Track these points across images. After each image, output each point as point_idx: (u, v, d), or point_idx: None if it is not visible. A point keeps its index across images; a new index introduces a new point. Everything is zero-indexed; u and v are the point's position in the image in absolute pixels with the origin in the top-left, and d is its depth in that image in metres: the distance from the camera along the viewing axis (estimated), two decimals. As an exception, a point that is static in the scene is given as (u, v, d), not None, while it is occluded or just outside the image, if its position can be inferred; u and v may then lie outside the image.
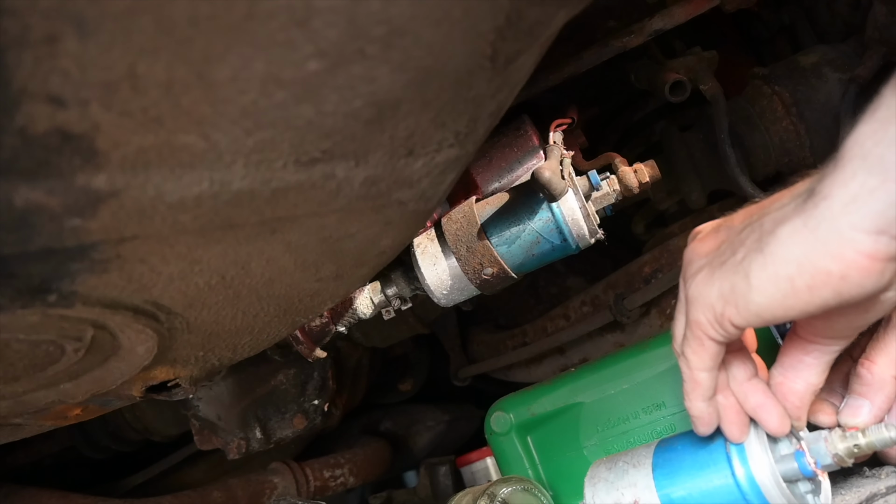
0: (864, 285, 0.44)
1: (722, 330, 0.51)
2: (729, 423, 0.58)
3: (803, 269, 0.45)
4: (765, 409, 0.57)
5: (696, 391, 0.56)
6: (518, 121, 0.92)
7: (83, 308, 0.43)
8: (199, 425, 1.10)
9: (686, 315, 0.54)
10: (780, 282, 0.46)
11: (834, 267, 0.43)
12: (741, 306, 0.48)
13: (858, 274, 0.43)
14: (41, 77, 0.29)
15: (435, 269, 0.77)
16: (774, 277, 0.46)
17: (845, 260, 0.43)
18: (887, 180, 0.41)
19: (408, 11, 0.35)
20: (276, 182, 0.41)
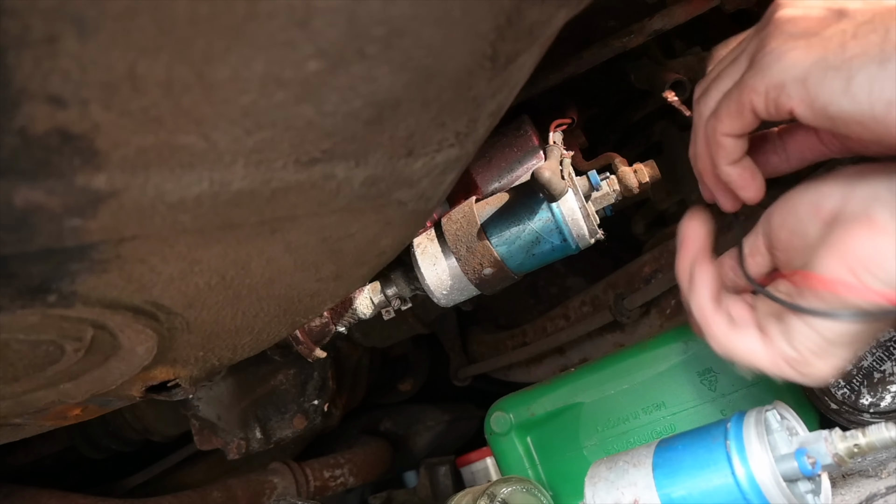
0: None
1: (774, 111, 0.48)
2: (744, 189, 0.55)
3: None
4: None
5: (720, 155, 0.53)
6: (518, 121, 0.92)
7: (83, 308, 0.43)
8: (199, 425, 1.10)
9: (746, 74, 0.49)
10: (877, 103, 0.43)
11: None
12: (820, 102, 0.45)
13: None
14: (41, 77, 0.29)
15: (435, 269, 0.77)
16: (876, 96, 0.43)
17: None
18: None
19: (408, 11, 0.35)
20: (276, 182, 0.41)
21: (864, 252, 0.45)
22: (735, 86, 0.51)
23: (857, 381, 0.75)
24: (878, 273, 0.44)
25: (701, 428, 0.65)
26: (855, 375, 0.75)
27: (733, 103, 0.51)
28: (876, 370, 0.74)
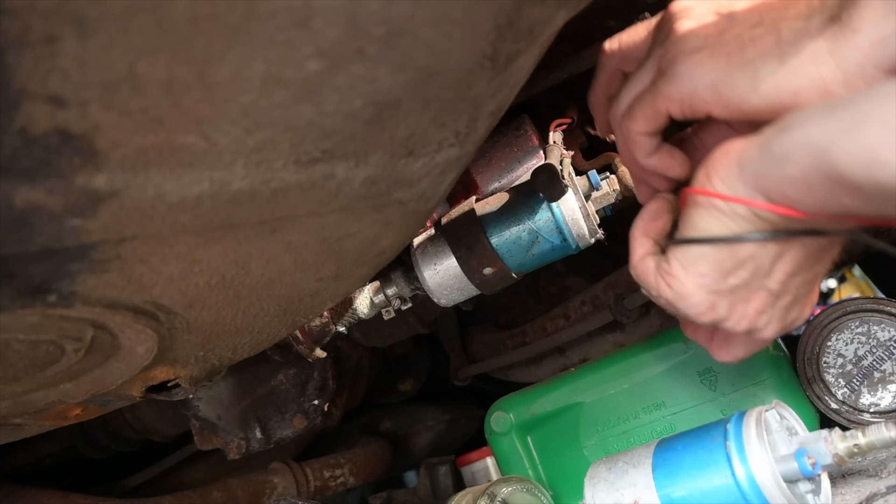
0: None
1: (690, 112, 0.53)
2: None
3: (815, 87, 0.47)
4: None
5: (637, 150, 0.59)
6: (518, 121, 0.92)
7: (83, 308, 0.43)
8: (199, 425, 1.10)
9: (658, 82, 0.54)
10: (784, 93, 0.48)
11: (843, 91, 0.46)
12: (733, 103, 0.50)
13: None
14: (41, 77, 0.29)
15: (435, 268, 0.77)
16: (783, 88, 0.48)
17: (856, 89, 0.46)
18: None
19: (408, 11, 0.35)
20: (276, 182, 0.41)
21: (715, 154, 0.50)
22: (649, 92, 0.56)
23: (857, 381, 0.75)
24: (721, 173, 0.49)
25: (701, 428, 0.65)
26: (855, 375, 0.75)
27: (648, 108, 0.56)
28: (876, 370, 0.74)
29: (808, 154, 0.43)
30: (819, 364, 0.76)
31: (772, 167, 0.46)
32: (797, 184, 0.45)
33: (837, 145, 0.41)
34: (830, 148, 0.41)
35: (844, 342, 0.75)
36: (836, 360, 0.76)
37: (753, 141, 0.47)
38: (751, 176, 0.47)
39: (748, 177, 0.48)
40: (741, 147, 0.48)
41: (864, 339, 0.75)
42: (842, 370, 0.75)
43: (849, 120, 0.41)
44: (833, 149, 0.41)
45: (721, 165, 0.49)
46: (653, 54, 0.57)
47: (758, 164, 0.47)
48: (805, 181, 0.44)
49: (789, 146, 0.44)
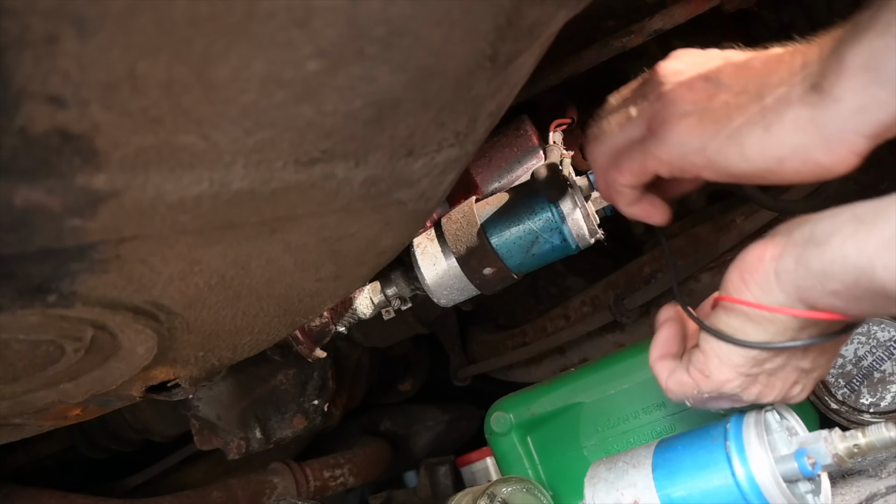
0: (839, 174, 0.50)
1: (679, 173, 0.56)
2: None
3: (797, 155, 0.50)
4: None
5: (620, 201, 0.62)
6: (518, 121, 0.92)
7: (83, 308, 0.43)
8: (198, 425, 1.10)
9: (648, 142, 0.57)
10: (770, 161, 0.51)
11: (826, 160, 0.49)
12: (721, 168, 0.53)
13: (843, 167, 0.49)
14: (41, 77, 0.29)
15: (435, 268, 0.77)
16: (768, 156, 0.51)
17: (838, 156, 0.48)
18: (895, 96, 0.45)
19: (408, 11, 0.35)
20: (275, 182, 0.41)
21: (748, 261, 0.52)
22: (639, 151, 0.58)
23: (857, 381, 0.75)
24: (759, 281, 0.51)
25: (700, 428, 0.65)
26: (855, 375, 0.75)
27: (636, 165, 0.58)
28: (876, 370, 0.74)
29: (851, 273, 0.45)
30: (819, 364, 0.76)
31: (814, 282, 0.48)
32: (842, 297, 0.47)
33: (880, 263, 0.43)
34: (873, 266, 0.43)
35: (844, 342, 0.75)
36: (836, 361, 0.76)
37: (786, 250, 0.49)
38: (791, 287, 0.49)
39: (788, 287, 0.49)
40: (774, 254, 0.50)
41: (863, 339, 0.75)
42: (842, 370, 0.75)
43: (886, 237, 0.43)
44: (876, 267, 0.43)
45: (758, 273, 0.51)
46: (641, 110, 0.59)
47: (797, 277, 0.49)
48: (850, 295, 0.46)
49: (829, 264, 0.46)
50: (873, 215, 0.45)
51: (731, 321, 0.54)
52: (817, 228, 0.48)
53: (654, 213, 0.63)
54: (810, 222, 0.49)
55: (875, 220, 0.44)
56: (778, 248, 0.50)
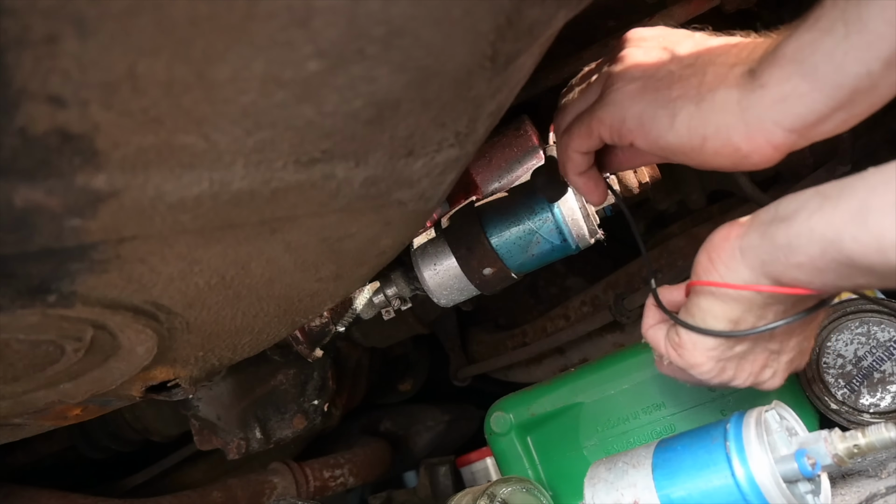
0: (756, 165, 0.51)
1: (618, 139, 0.56)
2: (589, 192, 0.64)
3: (719, 136, 0.50)
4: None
5: (569, 167, 0.62)
6: (518, 121, 0.92)
7: (83, 308, 0.43)
8: (198, 425, 1.10)
9: (595, 105, 0.58)
10: (695, 137, 0.51)
11: (744, 146, 0.50)
12: (651, 137, 0.53)
13: (759, 158, 0.50)
14: (41, 77, 0.29)
15: (435, 269, 0.77)
16: (694, 131, 0.51)
17: (756, 144, 0.49)
18: (815, 90, 0.46)
19: (408, 11, 0.35)
20: (275, 182, 0.41)
21: (714, 241, 0.52)
22: (587, 113, 0.59)
23: (857, 382, 0.75)
24: (725, 259, 0.51)
25: (700, 428, 0.65)
26: (855, 376, 0.75)
27: (584, 127, 0.59)
28: (876, 370, 0.74)
29: (817, 244, 0.45)
30: (819, 364, 0.76)
31: (778, 255, 0.48)
32: (807, 269, 0.47)
33: (848, 235, 0.43)
34: (840, 238, 0.44)
35: (844, 343, 0.75)
36: (835, 361, 0.75)
37: (750, 227, 0.50)
38: (756, 262, 0.49)
39: (753, 262, 0.50)
40: (738, 233, 0.51)
41: (863, 339, 0.75)
42: (841, 371, 0.75)
43: (853, 210, 0.43)
44: (844, 238, 0.43)
45: (723, 251, 0.51)
46: (599, 76, 0.60)
47: (762, 252, 0.49)
48: (815, 267, 0.46)
49: (794, 237, 0.46)
50: (838, 191, 0.45)
51: (701, 303, 0.55)
52: (781, 206, 0.48)
53: (593, 190, 0.63)
54: (774, 203, 0.49)
55: (840, 196, 0.45)
56: (743, 227, 0.51)
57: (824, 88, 0.46)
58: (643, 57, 0.56)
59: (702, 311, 0.55)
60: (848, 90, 0.45)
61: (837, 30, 0.45)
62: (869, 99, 0.46)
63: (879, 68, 0.44)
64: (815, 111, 0.47)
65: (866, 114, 0.48)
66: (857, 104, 0.46)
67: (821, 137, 0.49)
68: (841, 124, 0.48)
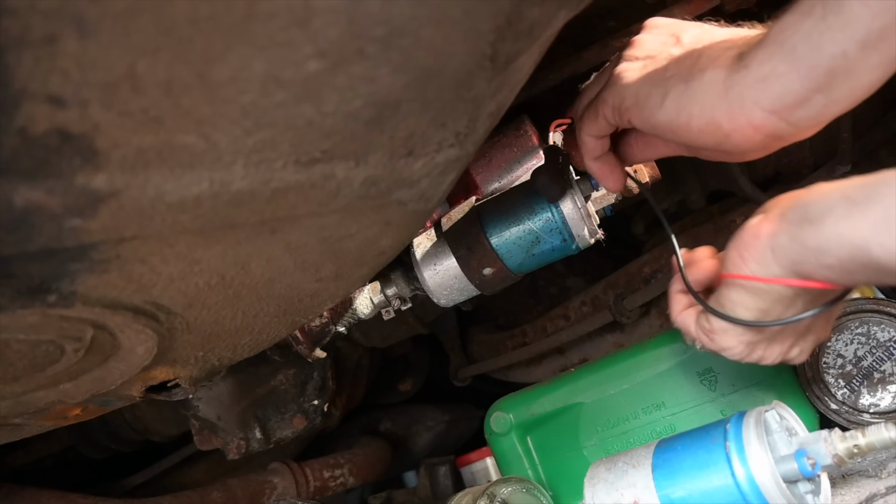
0: (739, 147, 0.52)
1: (618, 117, 0.58)
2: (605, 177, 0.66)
3: (703, 114, 0.52)
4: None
5: (584, 151, 0.64)
6: (518, 121, 0.92)
7: (83, 308, 0.43)
8: (198, 425, 1.10)
9: (602, 87, 0.60)
10: (682, 115, 0.53)
11: (725, 125, 0.51)
12: (644, 114, 0.55)
13: (740, 137, 0.51)
14: (41, 77, 0.29)
15: (435, 269, 0.77)
16: (681, 109, 0.53)
17: (737, 124, 0.50)
18: (792, 70, 0.47)
19: (408, 11, 0.35)
20: (275, 182, 0.41)
21: (745, 239, 0.54)
22: (597, 97, 0.61)
23: (857, 382, 0.75)
24: (756, 257, 0.53)
25: (700, 428, 0.65)
26: (855, 376, 0.75)
27: (592, 110, 0.61)
28: (876, 370, 0.74)
29: (847, 249, 0.47)
30: (819, 364, 0.76)
31: (808, 257, 0.50)
32: (836, 269, 0.49)
33: (875, 242, 0.45)
34: (868, 244, 0.46)
35: (844, 343, 0.75)
36: (835, 361, 0.75)
37: (780, 227, 0.52)
38: (787, 261, 0.51)
39: (783, 261, 0.52)
40: (768, 231, 0.52)
41: (863, 339, 0.75)
42: (841, 371, 0.75)
43: (879, 218, 0.45)
44: (871, 245, 0.45)
45: (754, 249, 0.53)
46: (612, 60, 0.62)
47: (792, 253, 0.51)
48: (844, 268, 0.48)
49: (824, 241, 0.48)
50: (864, 196, 0.46)
51: (732, 294, 0.57)
52: (810, 208, 0.49)
53: (609, 174, 0.65)
54: (801, 201, 0.51)
55: (867, 202, 0.46)
56: (772, 225, 0.52)
57: (801, 69, 0.47)
58: (650, 42, 0.58)
59: (732, 302, 0.57)
60: (824, 71, 0.46)
61: (816, 11, 0.46)
62: (847, 83, 0.47)
63: (855, 49, 0.45)
64: (793, 91, 0.48)
65: (847, 101, 0.48)
66: (834, 88, 0.47)
67: (803, 125, 0.50)
68: (822, 110, 0.48)
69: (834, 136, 0.90)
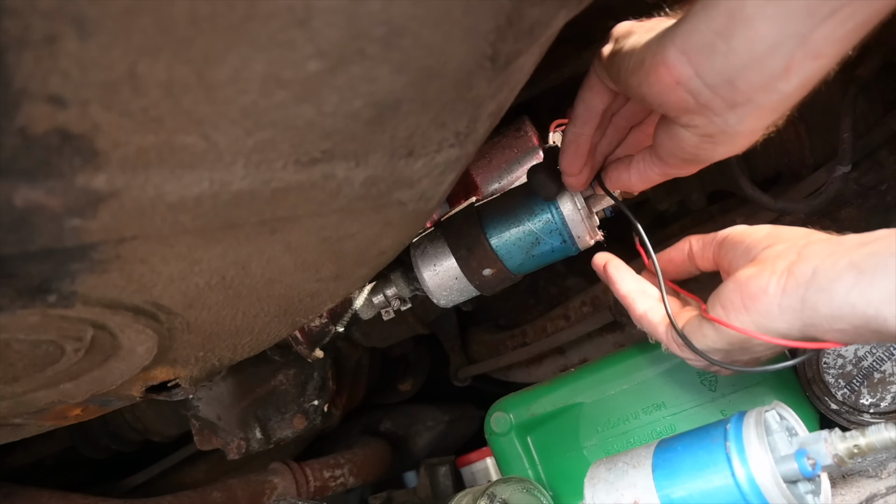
0: (656, 92, 0.51)
1: (598, 64, 0.59)
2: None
3: (638, 55, 0.52)
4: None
5: (569, 119, 0.65)
6: (518, 121, 0.92)
7: (83, 308, 0.43)
8: (199, 425, 1.10)
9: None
10: (627, 55, 0.54)
11: (647, 62, 0.51)
12: (614, 65, 0.56)
13: (656, 79, 0.51)
14: (41, 77, 0.29)
15: (434, 269, 0.77)
16: (629, 51, 0.54)
17: (653, 60, 0.50)
18: (702, 10, 0.46)
19: (408, 11, 0.35)
20: (276, 182, 0.41)
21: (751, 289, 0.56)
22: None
23: (857, 382, 0.75)
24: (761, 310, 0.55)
25: (700, 428, 0.65)
26: (855, 376, 0.75)
27: (590, 70, 0.62)
28: (876, 371, 0.74)
29: (860, 318, 0.49)
30: (819, 365, 0.76)
31: (821, 322, 0.52)
32: (850, 334, 0.52)
33: (889, 313, 0.48)
34: (884, 318, 0.48)
35: (844, 343, 0.75)
36: (836, 361, 0.75)
37: (789, 288, 0.53)
38: (797, 323, 0.54)
39: (792, 321, 0.54)
40: (777, 290, 0.54)
41: (864, 339, 0.75)
42: (842, 371, 0.75)
43: (890, 291, 0.48)
44: (887, 318, 0.48)
45: (760, 303, 0.55)
46: None
47: (804, 316, 0.53)
48: (857, 333, 0.51)
49: (837, 310, 0.50)
50: (872, 266, 0.49)
51: (707, 331, 0.60)
52: (819, 274, 0.51)
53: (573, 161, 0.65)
54: (807, 261, 0.53)
55: (875, 272, 0.49)
56: (780, 282, 0.54)
57: (708, 9, 0.46)
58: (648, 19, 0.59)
59: (705, 336, 0.61)
60: (724, 11, 0.45)
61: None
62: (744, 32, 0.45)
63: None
64: (697, 29, 0.47)
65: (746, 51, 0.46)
66: (734, 35, 0.46)
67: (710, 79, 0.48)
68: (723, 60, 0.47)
69: (834, 136, 0.90)
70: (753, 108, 0.49)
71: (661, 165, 0.61)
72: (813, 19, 0.44)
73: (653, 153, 0.62)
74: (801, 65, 0.46)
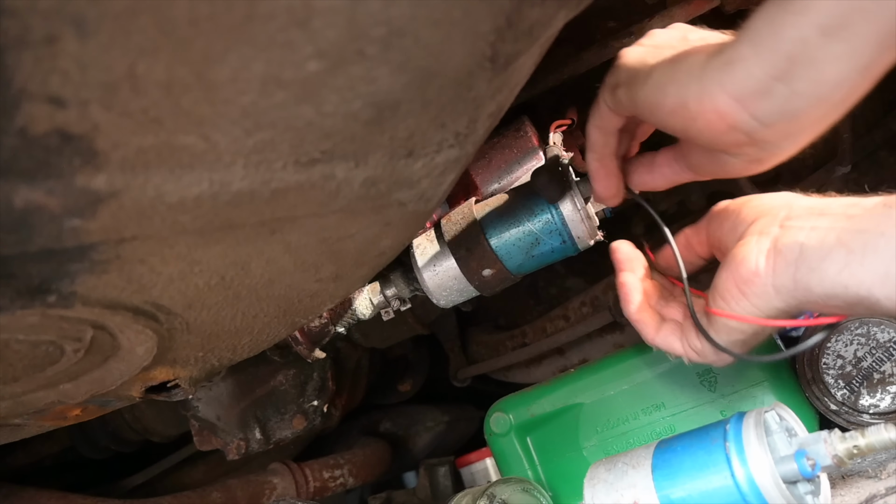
0: (704, 134, 0.51)
1: (612, 98, 0.59)
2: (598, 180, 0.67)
3: (678, 93, 0.51)
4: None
5: (587, 145, 0.65)
6: (518, 122, 0.92)
7: (83, 308, 0.43)
8: (198, 426, 1.10)
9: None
10: (658, 94, 0.53)
11: (692, 107, 0.50)
12: (631, 93, 0.56)
13: (704, 123, 0.50)
14: (41, 77, 0.29)
15: (434, 269, 0.77)
16: (660, 88, 0.53)
17: (702, 107, 0.50)
18: (754, 54, 0.46)
19: (408, 12, 0.35)
20: (275, 183, 0.41)
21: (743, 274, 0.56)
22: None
23: (856, 383, 0.75)
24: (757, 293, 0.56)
25: (700, 429, 0.65)
26: (855, 377, 0.75)
27: (598, 98, 0.61)
28: (876, 371, 0.74)
29: (853, 297, 0.50)
30: (818, 365, 0.76)
31: (816, 300, 0.53)
32: (843, 308, 0.52)
33: (882, 294, 0.48)
34: (877, 298, 0.49)
35: (844, 343, 0.75)
36: (835, 362, 0.75)
37: (779, 266, 0.54)
38: (793, 301, 0.55)
39: (788, 300, 0.55)
40: (768, 270, 0.55)
41: (863, 340, 0.75)
42: (841, 371, 0.75)
43: (881, 273, 0.48)
44: (879, 298, 0.49)
45: (755, 286, 0.56)
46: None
47: (798, 294, 0.54)
48: (851, 309, 0.52)
49: (830, 289, 0.51)
50: (861, 245, 0.49)
51: (729, 323, 0.59)
52: (807, 253, 0.52)
53: (604, 177, 0.65)
54: (791, 234, 0.53)
55: (864, 252, 0.49)
56: (770, 262, 0.54)
57: (762, 52, 0.46)
58: (662, 34, 0.59)
59: (727, 330, 0.60)
60: (783, 56, 0.45)
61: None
62: (808, 72, 0.45)
63: (815, 35, 0.43)
64: (754, 77, 0.46)
65: (810, 95, 0.46)
66: (795, 77, 0.45)
67: (767, 119, 0.48)
68: (784, 103, 0.47)
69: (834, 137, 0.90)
70: (809, 133, 0.50)
71: (691, 175, 0.62)
72: (882, 50, 0.44)
73: (683, 163, 0.62)
74: (861, 89, 0.46)
